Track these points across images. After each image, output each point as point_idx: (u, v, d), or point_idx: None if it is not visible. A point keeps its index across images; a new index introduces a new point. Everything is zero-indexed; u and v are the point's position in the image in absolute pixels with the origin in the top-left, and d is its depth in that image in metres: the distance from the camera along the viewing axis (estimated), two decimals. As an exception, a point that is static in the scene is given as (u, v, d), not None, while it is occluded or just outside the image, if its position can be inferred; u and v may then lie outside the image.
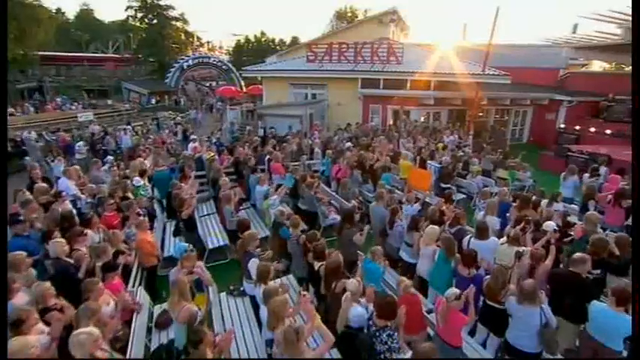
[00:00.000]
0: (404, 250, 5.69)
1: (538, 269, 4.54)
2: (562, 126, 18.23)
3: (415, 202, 7.11)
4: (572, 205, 8.25)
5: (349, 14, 43.54)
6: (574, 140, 17.18)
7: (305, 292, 3.80)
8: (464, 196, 9.88)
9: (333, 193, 8.89)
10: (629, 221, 7.11)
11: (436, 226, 5.18)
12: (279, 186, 8.97)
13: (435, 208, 6.34)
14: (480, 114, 17.52)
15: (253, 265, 4.42)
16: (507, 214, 6.55)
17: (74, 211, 6.35)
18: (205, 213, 8.60)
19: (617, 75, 21.99)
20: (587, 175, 9.09)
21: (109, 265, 4.46)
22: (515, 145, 18.71)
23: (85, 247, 4.83)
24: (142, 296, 4.93)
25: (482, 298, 4.34)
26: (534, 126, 19.73)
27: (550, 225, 5.23)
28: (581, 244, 5.48)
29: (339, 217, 8.06)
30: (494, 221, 6.06)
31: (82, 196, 7.43)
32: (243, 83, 31.29)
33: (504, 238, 5.14)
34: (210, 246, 7.00)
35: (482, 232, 5.24)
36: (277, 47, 45.17)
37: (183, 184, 7.70)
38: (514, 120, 19.36)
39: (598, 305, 3.80)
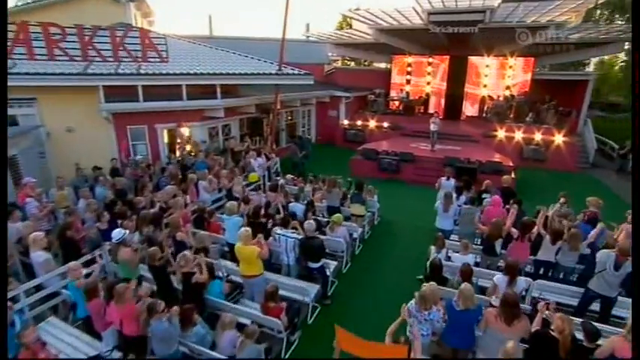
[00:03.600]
0: None
1: None
2: (346, 122, 18.19)
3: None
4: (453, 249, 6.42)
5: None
6: (361, 136, 17.38)
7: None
8: (334, 264, 6.63)
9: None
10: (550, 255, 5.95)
11: None
12: None
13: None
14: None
15: None
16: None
17: None
18: None
19: (374, 71, 24.52)
20: (455, 196, 7.65)
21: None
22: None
23: None
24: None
25: None
26: (320, 124, 19.05)
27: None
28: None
29: None
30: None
31: None
32: None
33: None
34: None
35: None
36: None
37: None
38: (302, 121, 17.92)
39: None
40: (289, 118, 17.18)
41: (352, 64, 31.77)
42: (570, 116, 16.28)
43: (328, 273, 6.08)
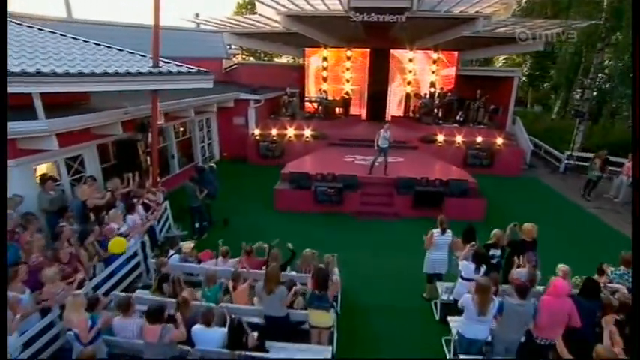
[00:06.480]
0: None
1: None
2: (256, 132, 14.47)
3: None
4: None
5: None
6: (279, 149, 13.89)
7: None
8: None
9: None
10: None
11: None
12: None
13: None
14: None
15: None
16: None
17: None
18: None
19: (285, 66, 20.99)
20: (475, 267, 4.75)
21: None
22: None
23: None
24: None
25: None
26: (223, 136, 14.91)
27: None
28: None
29: None
30: None
31: None
32: None
33: None
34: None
35: None
36: None
37: None
38: (199, 135, 13.56)
39: None
40: (181, 129, 12.62)
41: (251, 58, 27.93)
42: (498, 114, 15.37)
43: None
